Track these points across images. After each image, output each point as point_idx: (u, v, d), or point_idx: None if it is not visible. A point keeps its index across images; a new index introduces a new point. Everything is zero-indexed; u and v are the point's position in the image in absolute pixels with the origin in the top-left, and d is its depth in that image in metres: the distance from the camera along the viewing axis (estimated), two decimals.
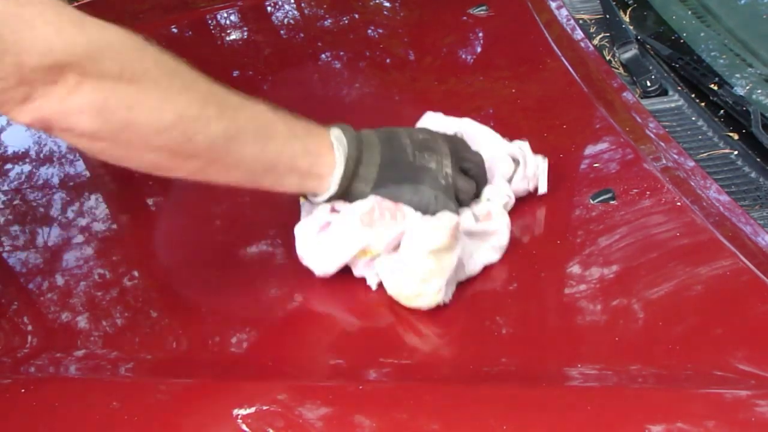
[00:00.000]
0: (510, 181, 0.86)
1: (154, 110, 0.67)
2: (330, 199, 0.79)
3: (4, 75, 0.61)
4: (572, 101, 1.04)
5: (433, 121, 0.91)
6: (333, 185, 0.77)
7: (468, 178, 0.82)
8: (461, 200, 0.82)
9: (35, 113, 0.64)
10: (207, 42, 1.37)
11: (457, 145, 0.83)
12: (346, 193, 0.78)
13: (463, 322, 0.75)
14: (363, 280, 0.79)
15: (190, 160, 0.72)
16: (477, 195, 0.84)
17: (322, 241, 0.79)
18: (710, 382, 0.65)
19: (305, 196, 0.81)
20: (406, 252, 0.75)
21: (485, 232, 0.80)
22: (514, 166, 0.86)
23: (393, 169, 0.79)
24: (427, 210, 0.78)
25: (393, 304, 0.76)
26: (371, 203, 0.78)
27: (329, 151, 0.77)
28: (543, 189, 0.86)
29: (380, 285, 0.78)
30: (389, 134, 0.81)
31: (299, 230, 0.81)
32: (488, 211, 0.82)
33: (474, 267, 0.78)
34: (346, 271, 0.79)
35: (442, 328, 0.74)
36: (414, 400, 0.67)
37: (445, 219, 0.75)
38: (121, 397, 0.71)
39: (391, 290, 0.76)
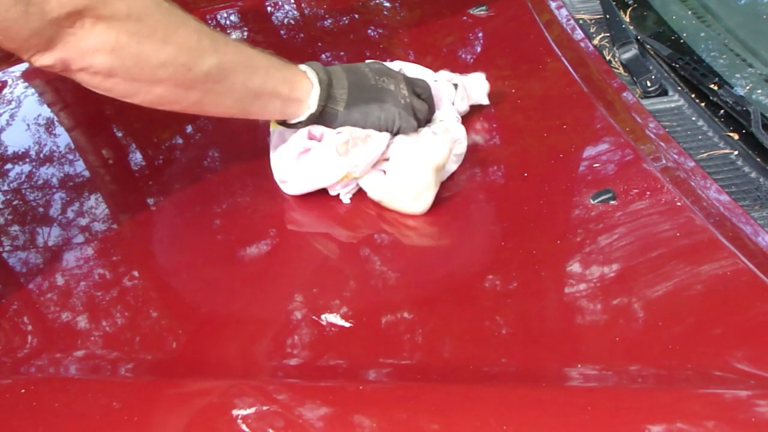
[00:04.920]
0: (453, 102, 0.99)
1: (159, 43, 0.76)
2: (308, 121, 0.88)
3: (30, 24, 0.68)
4: (572, 101, 1.04)
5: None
6: (312, 106, 0.87)
7: (421, 101, 0.93)
8: (418, 120, 0.93)
9: (57, 55, 0.72)
10: None
11: (405, 75, 0.95)
12: (322, 114, 0.88)
13: (463, 322, 0.75)
14: (370, 290, 0.79)
15: (190, 91, 0.80)
16: (428, 119, 0.96)
17: (303, 166, 0.89)
18: (710, 382, 0.65)
19: (284, 122, 0.90)
20: (404, 167, 0.86)
21: (454, 137, 0.92)
22: (454, 89, 0.99)
23: (360, 91, 0.90)
24: (393, 126, 0.91)
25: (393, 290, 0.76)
26: (346, 135, 0.88)
27: (304, 77, 0.87)
28: (484, 101, 1.02)
29: (358, 205, 0.89)
30: (350, 65, 0.93)
31: (278, 156, 0.91)
32: (445, 127, 0.94)
33: (443, 176, 0.90)
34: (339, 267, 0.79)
35: (443, 328, 0.74)
36: (414, 400, 0.67)
37: (446, 136, 0.89)
38: (121, 397, 0.71)
39: (388, 201, 0.87)
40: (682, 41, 1.08)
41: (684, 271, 0.77)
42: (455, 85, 1.00)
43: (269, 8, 1.44)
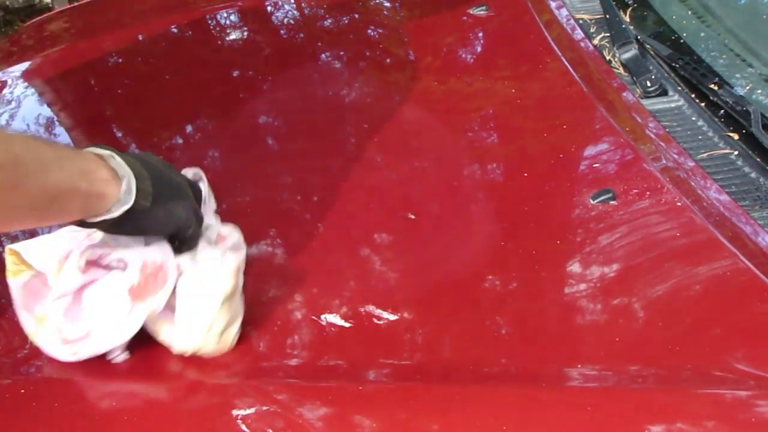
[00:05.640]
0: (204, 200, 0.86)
1: None
2: (111, 223, 0.70)
3: None
4: (572, 101, 1.04)
5: None
6: (126, 199, 0.69)
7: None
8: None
9: None
10: (207, 42, 1.37)
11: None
12: (129, 212, 0.70)
13: (463, 322, 0.75)
14: (370, 290, 0.79)
15: None
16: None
17: (87, 314, 0.70)
18: (710, 382, 0.65)
19: (81, 222, 0.70)
20: (188, 305, 0.71)
21: (234, 246, 0.77)
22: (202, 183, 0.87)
23: (161, 184, 0.74)
24: (188, 229, 0.76)
25: None
26: (136, 273, 0.70)
27: (102, 167, 0.69)
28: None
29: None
30: (137, 155, 0.76)
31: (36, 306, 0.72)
32: (219, 233, 0.79)
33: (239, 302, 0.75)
34: None
35: (442, 328, 0.74)
36: (414, 400, 0.67)
37: (228, 261, 0.72)
38: (121, 397, 0.71)
39: (177, 346, 0.72)
40: (682, 41, 1.08)
41: (684, 271, 0.77)
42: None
43: (269, 8, 1.44)
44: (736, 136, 0.93)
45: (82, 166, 0.67)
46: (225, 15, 1.42)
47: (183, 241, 0.77)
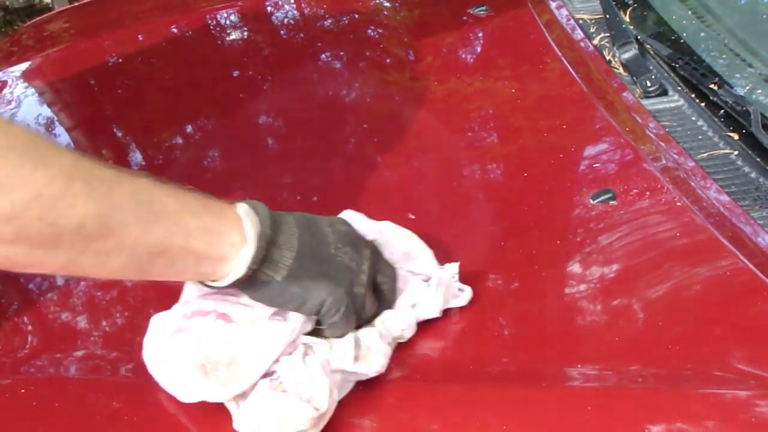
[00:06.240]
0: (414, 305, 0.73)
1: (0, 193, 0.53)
2: (231, 287, 0.65)
3: None
4: (572, 101, 1.04)
5: (351, 220, 0.77)
6: (238, 268, 0.64)
7: (375, 298, 0.72)
8: (359, 320, 0.70)
9: None
10: (207, 42, 1.37)
11: (375, 252, 0.73)
12: (250, 280, 0.65)
13: (463, 322, 0.75)
14: None
15: (55, 250, 0.57)
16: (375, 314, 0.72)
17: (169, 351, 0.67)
18: (710, 382, 0.65)
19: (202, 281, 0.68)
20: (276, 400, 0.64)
21: (356, 374, 0.68)
22: (423, 289, 0.74)
23: (311, 260, 0.67)
24: (326, 315, 0.67)
25: None
26: (201, 354, 0.65)
27: (234, 228, 0.64)
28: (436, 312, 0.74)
29: None
30: (308, 219, 0.70)
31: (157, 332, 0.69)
32: (369, 347, 0.69)
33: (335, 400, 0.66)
34: None
35: (443, 328, 0.74)
36: (414, 400, 0.67)
37: (304, 412, 0.63)
38: (121, 397, 0.71)
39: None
40: (682, 41, 1.08)
41: (684, 271, 0.77)
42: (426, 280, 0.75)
43: (269, 8, 1.44)
44: (736, 136, 0.93)
45: (208, 224, 0.63)
46: (225, 15, 1.42)
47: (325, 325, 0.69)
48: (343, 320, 0.68)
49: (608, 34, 1.15)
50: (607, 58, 1.11)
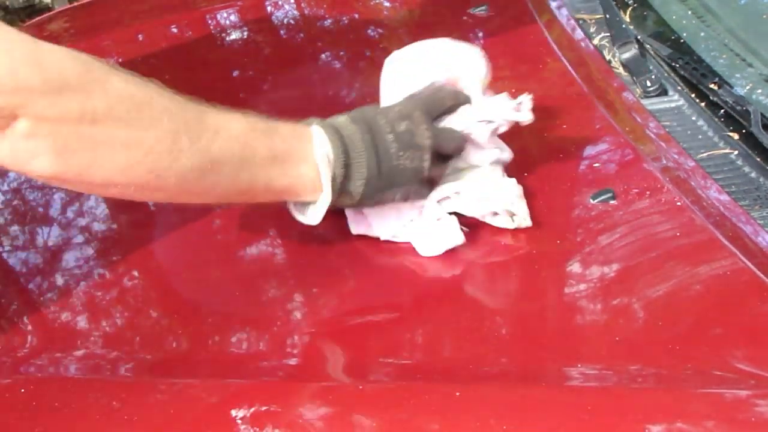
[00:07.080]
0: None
1: (119, 150, 0.64)
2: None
3: None
4: (572, 101, 1.04)
5: (408, 56, 0.91)
6: (316, 212, 0.76)
7: (441, 164, 0.82)
8: (431, 182, 0.82)
9: None
10: (207, 42, 1.37)
11: (438, 131, 0.80)
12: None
13: (464, 322, 0.75)
14: (370, 290, 0.79)
15: (157, 192, 0.70)
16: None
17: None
18: (710, 382, 0.65)
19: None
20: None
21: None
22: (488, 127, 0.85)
23: (378, 179, 0.77)
24: (411, 198, 0.81)
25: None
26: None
27: (312, 170, 0.74)
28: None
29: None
30: (372, 132, 0.77)
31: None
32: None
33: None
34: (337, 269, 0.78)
35: (442, 328, 0.74)
36: (414, 400, 0.67)
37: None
38: (121, 397, 0.71)
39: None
40: (682, 41, 1.08)
41: (684, 271, 0.77)
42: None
43: (269, 8, 1.44)
44: (736, 136, 0.93)
45: (288, 170, 0.73)
46: (225, 15, 1.42)
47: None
48: (416, 196, 0.81)
49: (608, 34, 1.15)
50: (607, 58, 1.11)
